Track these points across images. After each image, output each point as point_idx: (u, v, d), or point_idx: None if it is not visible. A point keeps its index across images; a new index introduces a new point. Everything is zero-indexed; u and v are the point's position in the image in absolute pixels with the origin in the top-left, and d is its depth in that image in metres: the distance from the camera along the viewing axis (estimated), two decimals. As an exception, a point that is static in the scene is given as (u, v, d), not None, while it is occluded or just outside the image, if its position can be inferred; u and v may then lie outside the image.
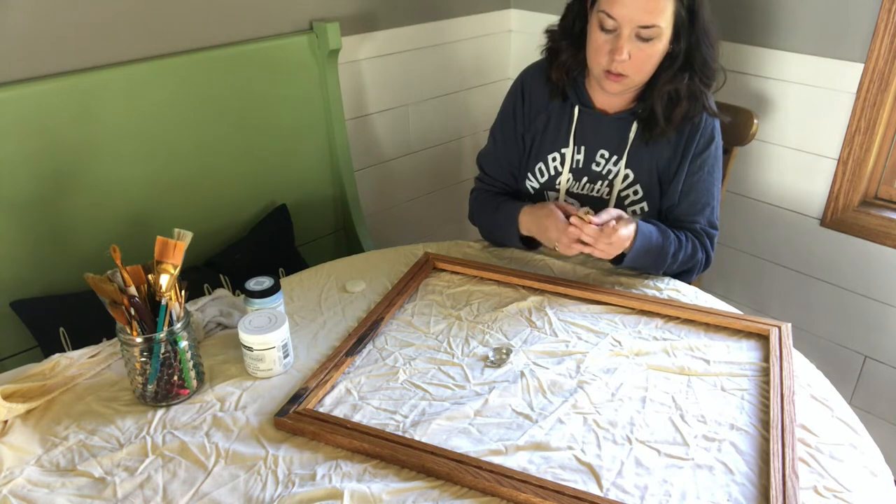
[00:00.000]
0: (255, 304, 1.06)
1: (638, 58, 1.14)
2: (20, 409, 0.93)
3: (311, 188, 1.71)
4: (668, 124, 1.21)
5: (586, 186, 1.31)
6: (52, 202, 1.30)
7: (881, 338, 1.67)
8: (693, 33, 1.15)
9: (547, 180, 1.34)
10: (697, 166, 1.25)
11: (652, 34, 1.11)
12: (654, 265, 1.23)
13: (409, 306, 1.19)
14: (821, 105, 1.60)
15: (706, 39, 1.16)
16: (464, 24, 1.98)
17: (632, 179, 1.27)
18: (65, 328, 1.27)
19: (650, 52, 1.14)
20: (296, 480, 0.84)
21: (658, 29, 1.11)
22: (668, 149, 1.25)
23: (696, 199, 1.27)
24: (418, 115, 2.00)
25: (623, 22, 1.11)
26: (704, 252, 1.29)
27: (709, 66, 1.18)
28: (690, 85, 1.18)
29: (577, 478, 0.84)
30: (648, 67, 1.16)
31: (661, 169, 1.27)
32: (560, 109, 1.30)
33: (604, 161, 1.29)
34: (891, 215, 1.59)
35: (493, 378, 1.01)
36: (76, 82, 1.28)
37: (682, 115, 1.21)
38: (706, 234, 1.29)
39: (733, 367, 1.03)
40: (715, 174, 1.28)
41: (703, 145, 1.24)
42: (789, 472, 0.83)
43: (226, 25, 1.48)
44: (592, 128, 1.28)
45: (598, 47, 1.16)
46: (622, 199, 1.29)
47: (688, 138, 1.24)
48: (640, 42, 1.12)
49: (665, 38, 1.14)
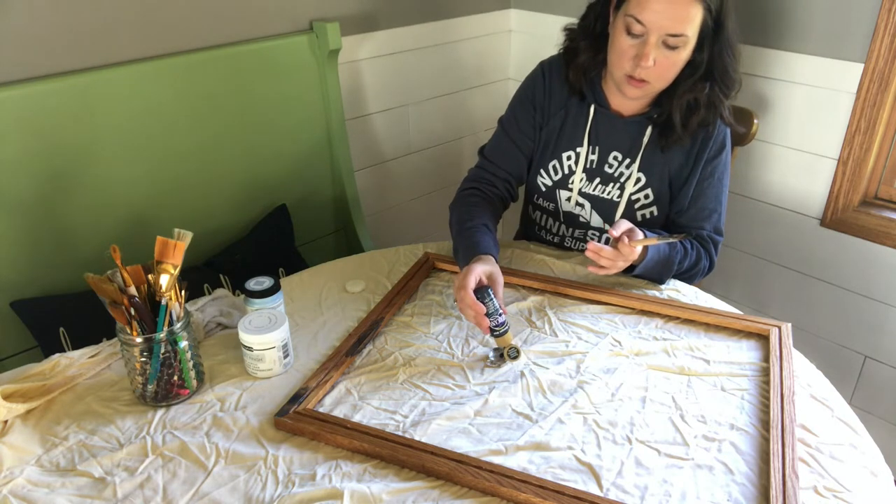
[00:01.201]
0: (255, 304, 1.06)
1: (662, 65, 1.13)
2: (20, 409, 0.93)
3: (311, 188, 1.71)
4: (685, 131, 1.21)
5: (598, 188, 1.30)
6: (52, 202, 1.30)
7: (881, 338, 1.67)
8: (717, 43, 1.14)
9: (560, 179, 1.33)
10: (708, 172, 1.25)
11: (679, 42, 1.11)
12: (661, 274, 1.23)
13: (409, 306, 1.19)
14: (821, 105, 1.60)
15: (729, 50, 1.16)
16: (464, 24, 1.98)
17: (643, 183, 1.27)
18: (65, 328, 1.27)
19: (675, 59, 1.13)
20: (296, 480, 0.84)
21: (685, 38, 1.10)
22: (681, 154, 1.25)
23: (704, 205, 1.27)
24: (418, 115, 2.00)
25: (652, 28, 1.10)
26: (708, 258, 1.29)
27: (729, 75, 1.18)
28: (710, 94, 1.18)
29: (577, 478, 0.84)
30: (671, 75, 1.16)
31: (672, 174, 1.26)
32: (578, 108, 1.29)
33: (616, 163, 1.28)
34: (891, 215, 1.59)
35: (493, 378, 1.01)
36: (76, 82, 1.28)
37: (698, 123, 1.21)
38: (711, 240, 1.29)
39: (733, 367, 1.03)
40: (724, 181, 1.28)
41: (715, 152, 1.25)
42: (789, 472, 0.83)
43: (226, 25, 1.48)
44: (607, 129, 1.28)
45: (622, 51, 1.14)
46: (632, 202, 1.28)
47: (701, 144, 1.24)
48: (665, 49, 1.11)
49: (690, 47, 1.13)
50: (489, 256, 1.13)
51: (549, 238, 1.41)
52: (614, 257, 1.11)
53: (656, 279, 1.24)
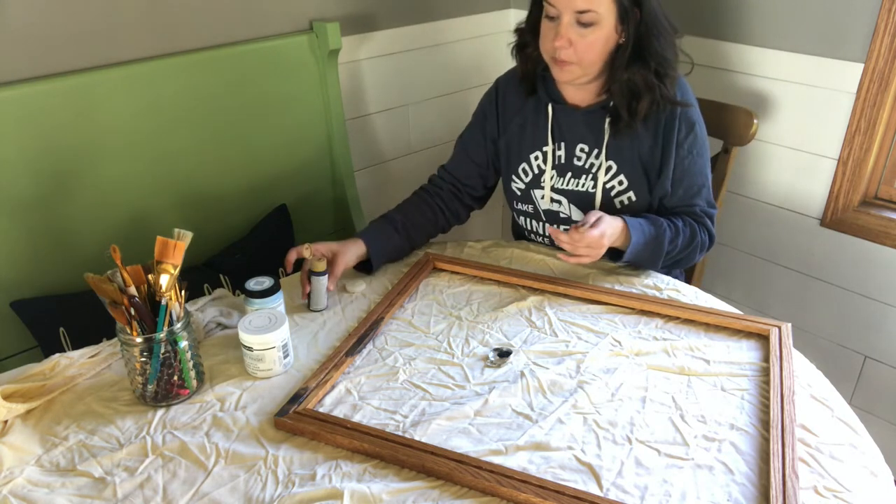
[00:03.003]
0: (255, 304, 1.06)
1: (580, 45, 1.16)
2: (20, 409, 0.93)
3: (311, 188, 1.71)
4: (633, 118, 1.22)
5: (571, 182, 1.31)
6: (52, 202, 1.30)
7: (881, 338, 1.67)
8: (642, 22, 1.16)
9: (532, 179, 1.35)
10: (686, 151, 1.26)
11: (591, 19, 1.13)
12: (652, 257, 1.23)
13: (409, 306, 1.19)
14: (821, 105, 1.60)
15: (656, 29, 1.17)
16: (464, 24, 1.98)
17: (615, 170, 1.28)
18: (65, 328, 1.27)
19: (591, 38, 1.15)
20: (296, 480, 0.84)
21: (595, 14, 1.13)
22: (648, 136, 1.25)
23: (690, 184, 1.28)
24: (418, 115, 2.00)
25: (562, 8, 1.14)
26: (706, 232, 1.29)
27: (664, 57, 1.19)
28: (646, 76, 1.19)
29: (577, 478, 0.84)
30: (592, 55, 1.17)
31: (643, 157, 1.27)
32: (535, 110, 1.32)
33: (584, 155, 1.29)
34: (891, 215, 1.59)
35: (493, 378, 1.01)
36: (76, 82, 1.28)
37: (646, 109, 1.21)
38: (706, 214, 1.29)
39: (733, 367, 1.03)
40: (704, 154, 1.28)
41: (685, 131, 1.25)
42: (789, 472, 0.83)
43: (226, 25, 1.48)
44: (568, 123, 1.30)
45: (543, 35, 1.20)
46: (608, 190, 1.29)
47: (666, 126, 1.24)
48: (580, 28, 1.14)
49: (607, 25, 1.15)
50: (358, 239, 1.25)
51: (539, 240, 1.42)
52: (570, 241, 1.13)
53: (649, 264, 1.24)
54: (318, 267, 1.15)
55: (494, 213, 2.40)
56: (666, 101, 1.22)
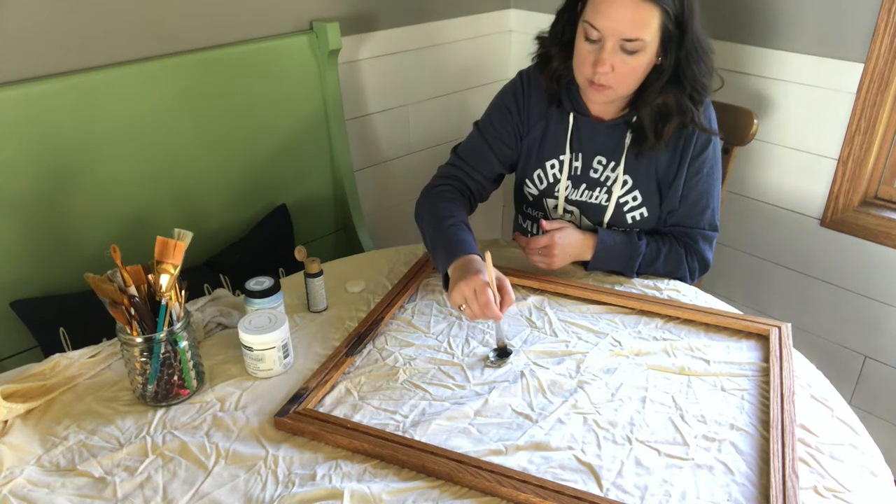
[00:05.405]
0: (255, 304, 1.06)
1: (622, 70, 1.13)
2: (20, 409, 0.93)
3: (311, 188, 1.71)
4: (658, 140, 1.20)
5: (584, 193, 1.30)
6: (53, 202, 1.30)
7: (881, 338, 1.67)
8: (682, 47, 1.13)
9: (546, 188, 1.33)
10: (696, 168, 1.25)
11: (636, 47, 1.10)
12: (625, 264, 1.24)
13: (409, 306, 1.19)
14: (821, 105, 1.60)
15: (696, 54, 1.14)
16: (464, 24, 1.98)
17: (630, 185, 1.27)
18: (65, 328, 1.27)
19: (634, 65, 1.12)
20: (296, 480, 0.84)
21: (642, 42, 1.10)
22: (666, 153, 1.24)
23: (695, 202, 1.26)
24: (418, 115, 2.00)
25: (607, 34, 1.10)
26: (698, 256, 1.28)
27: (699, 81, 1.16)
28: (680, 100, 1.17)
29: (577, 478, 0.84)
30: (632, 81, 1.16)
31: (660, 174, 1.26)
32: (558, 117, 1.30)
33: (601, 167, 1.28)
34: (891, 215, 1.59)
35: (493, 378, 1.01)
36: (76, 82, 1.28)
37: (672, 132, 1.20)
38: (703, 237, 1.28)
39: (733, 367, 1.03)
40: (714, 175, 1.27)
41: (700, 147, 1.23)
42: (789, 472, 0.83)
43: (226, 25, 1.48)
44: (589, 135, 1.28)
45: (582, 58, 1.15)
46: (621, 205, 1.28)
47: (685, 141, 1.23)
48: (624, 55, 1.11)
49: (650, 52, 1.12)
50: (476, 257, 1.10)
51: None
52: (525, 245, 1.21)
53: (623, 268, 1.25)
54: (313, 269, 1.14)
55: (494, 213, 2.40)
56: (696, 127, 1.20)
